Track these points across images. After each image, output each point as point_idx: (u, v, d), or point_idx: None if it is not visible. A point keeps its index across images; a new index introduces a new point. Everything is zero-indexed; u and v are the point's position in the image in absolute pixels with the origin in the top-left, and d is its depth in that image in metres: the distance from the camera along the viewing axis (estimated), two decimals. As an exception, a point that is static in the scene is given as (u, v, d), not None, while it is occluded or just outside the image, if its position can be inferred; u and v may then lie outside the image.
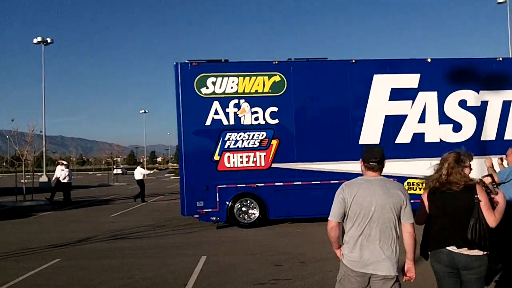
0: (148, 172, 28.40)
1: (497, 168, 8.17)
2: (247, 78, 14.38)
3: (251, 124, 14.36)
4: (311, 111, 14.85)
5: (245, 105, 14.34)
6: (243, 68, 14.62)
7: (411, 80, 14.88)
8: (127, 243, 12.60)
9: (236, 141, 14.28)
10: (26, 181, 27.88)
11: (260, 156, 14.37)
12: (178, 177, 26.92)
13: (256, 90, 14.38)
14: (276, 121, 14.43)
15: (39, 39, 42.99)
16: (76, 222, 17.35)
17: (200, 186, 14.27)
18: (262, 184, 14.48)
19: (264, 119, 14.40)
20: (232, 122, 14.30)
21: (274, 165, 14.42)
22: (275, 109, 14.43)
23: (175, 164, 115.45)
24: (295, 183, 14.44)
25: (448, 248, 4.63)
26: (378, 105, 14.78)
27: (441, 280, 4.76)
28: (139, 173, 26.17)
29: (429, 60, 15.06)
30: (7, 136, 31.74)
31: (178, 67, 14.34)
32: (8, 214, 20.68)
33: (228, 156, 14.29)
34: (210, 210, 14.34)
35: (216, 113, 14.26)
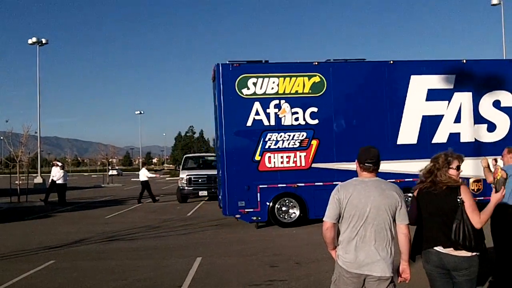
0: (152, 175, 28.41)
1: (492, 169, 8.19)
2: (288, 78, 14.39)
3: (292, 125, 14.37)
4: (350, 111, 14.89)
5: (285, 106, 14.35)
6: (283, 68, 14.66)
7: (447, 80, 15.09)
8: (122, 245, 12.57)
9: (277, 141, 14.30)
10: (20, 182, 27.75)
11: (300, 156, 14.38)
12: (174, 178, 26.90)
13: (296, 91, 14.41)
14: (316, 121, 14.45)
15: (34, 39, 42.79)
16: (71, 224, 17.29)
17: (241, 186, 14.23)
18: (303, 184, 14.46)
19: (304, 119, 14.42)
20: (272, 122, 14.30)
21: (314, 165, 14.41)
22: (315, 109, 14.45)
23: (171, 165, 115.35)
24: (334, 182, 14.29)
25: (436, 248, 4.65)
26: (415, 105, 14.94)
27: (432, 281, 4.76)
28: (143, 174, 26.36)
29: (464, 61, 15.31)
30: (2, 137, 31.63)
31: (219, 68, 14.34)
32: (3, 215, 20.57)
33: (269, 157, 14.29)
34: (252, 210, 14.28)
35: (257, 113, 14.27)
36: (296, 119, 14.37)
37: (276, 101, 14.32)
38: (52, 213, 21.21)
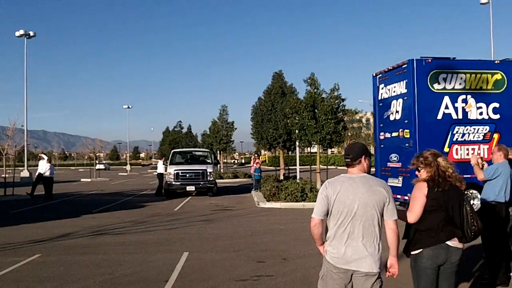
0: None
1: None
2: (473, 75, 14.95)
3: (476, 119, 14.89)
4: None
5: (471, 101, 14.88)
6: (469, 65, 15.20)
7: None
8: (109, 239, 12.51)
9: (463, 134, 14.78)
10: (7, 175, 27.53)
11: (483, 149, 14.85)
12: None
13: (481, 87, 14.99)
14: (498, 116, 14.98)
15: (22, 32, 42.42)
16: (57, 218, 17.16)
17: None
18: None
19: (487, 114, 14.94)
20: (460, 116, 14.81)
21: None
22: (497, 105, 14.98)
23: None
24: None
25: (447, 242, 4.74)
26: None
27: (425, 277, 4.78)
28: (160, 167, 26.83)
29: None
30: (-12, 130, 31.34)
31: (413, 63, 14.88)
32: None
33: (456, 148, 14.73)
34: None
35: (446, 107, 14.81)
36: (480, 113, 14.93)
37: (463, 96, 14.86)
38: (38, 206, 21.08)
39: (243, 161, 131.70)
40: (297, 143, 26.51)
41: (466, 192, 4.94)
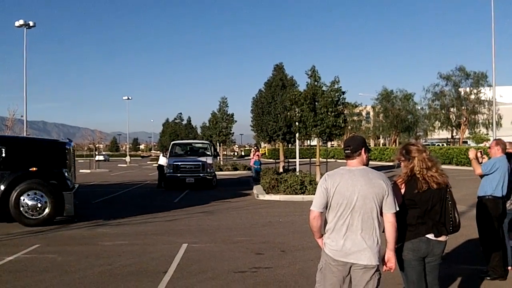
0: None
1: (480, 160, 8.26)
2: None
3: None
4: None
5: None
6: None
7: None
8: (108, 230, 12.53)
9: None
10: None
11: None
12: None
13: None
14: None
15: (21, 22, 42.20)
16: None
17: None
18: None
19: None
20: None
21: None
22: None
23: (158, 152, 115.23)
24: None
25: (427, 236, 4.69)
26: None
27: (411, 269, 4.75)
28: (161, 160, 26.92)
29: None
30: (-13, 120, 31.26)
31: None
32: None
33: None
34: None
35: None
36: None
37: None
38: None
39: (242, 153, 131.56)
40: (297, 135, 26.49)
41: (449, 187, 4.77)
